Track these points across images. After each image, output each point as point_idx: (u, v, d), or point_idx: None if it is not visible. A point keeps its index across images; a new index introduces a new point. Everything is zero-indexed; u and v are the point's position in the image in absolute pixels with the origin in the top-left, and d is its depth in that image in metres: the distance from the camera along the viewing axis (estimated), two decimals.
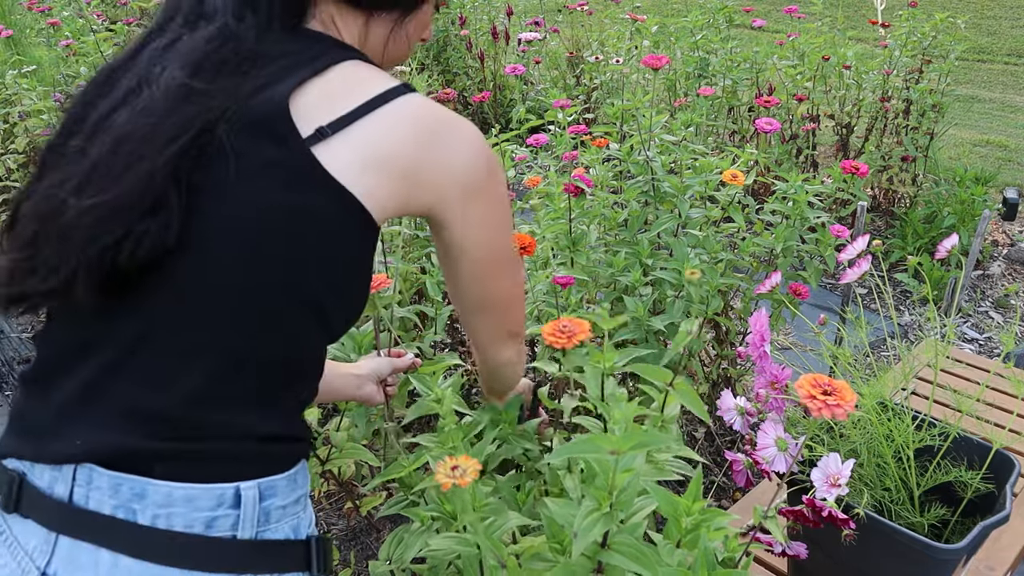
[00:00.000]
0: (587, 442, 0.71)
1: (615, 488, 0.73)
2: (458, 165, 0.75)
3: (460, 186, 0.77)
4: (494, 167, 0.80)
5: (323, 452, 1.53)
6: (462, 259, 0.83)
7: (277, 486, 0.71)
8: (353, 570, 1.82)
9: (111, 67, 0.74)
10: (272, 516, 0.70)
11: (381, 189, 0.71)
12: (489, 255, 0.85)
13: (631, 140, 1.96)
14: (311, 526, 0.76)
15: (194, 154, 0.65)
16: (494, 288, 0.89)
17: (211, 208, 0.66)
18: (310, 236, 0.69)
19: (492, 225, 0.83)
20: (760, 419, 1.13)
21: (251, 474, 0.69)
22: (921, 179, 3.60)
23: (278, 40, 0.73)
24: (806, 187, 1.86)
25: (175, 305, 0.66)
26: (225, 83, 0.68)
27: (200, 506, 0.65)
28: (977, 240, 2.52)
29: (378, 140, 0.70)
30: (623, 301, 1.74)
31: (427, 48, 4.74)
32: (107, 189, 0.64)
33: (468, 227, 0.80)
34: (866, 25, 6.11)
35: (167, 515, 0.64)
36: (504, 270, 0.88)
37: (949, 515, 1.22)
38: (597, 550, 0.77)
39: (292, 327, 0.71)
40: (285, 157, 0.67)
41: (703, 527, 0.82)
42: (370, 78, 0.74)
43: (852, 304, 2.69)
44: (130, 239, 0.63)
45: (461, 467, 0.76)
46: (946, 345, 1.56)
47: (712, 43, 3.54)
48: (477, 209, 0.79)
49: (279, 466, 0.72)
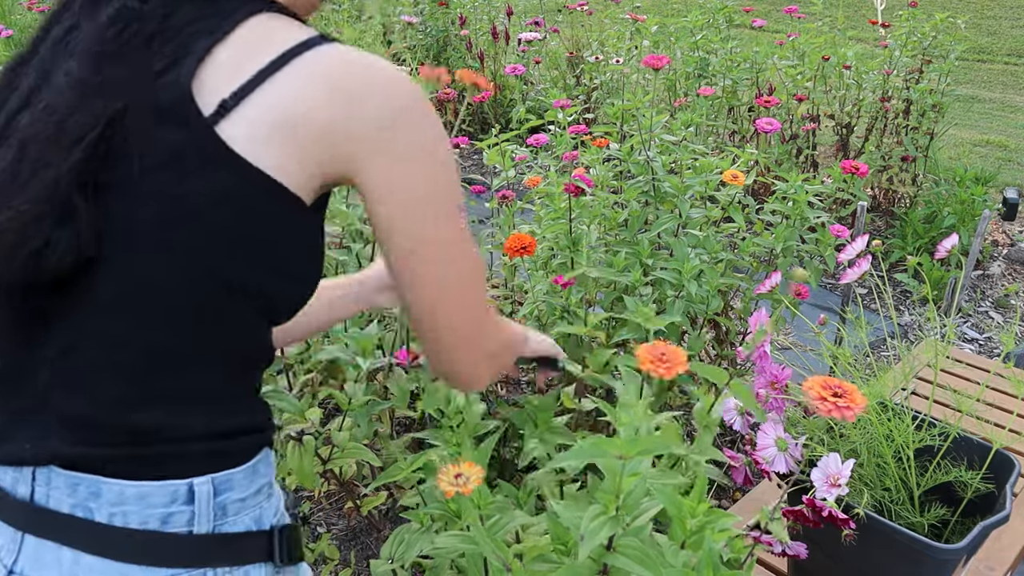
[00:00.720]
0: (594, 446, 0.71)
1: (622, 492, 0.73)
2: (372, 118, 0.66)
3: (378, 146, 0.67)
4: (423, 121, 0.69)
5: (324, 452, 1.53)
6: (391, 242, 0.71)
7: (233, 480, 0.69)
8: (353, 570, 1.82)
9: (15, 63, 0.70)
10: (230, 510, 0.68)
11: (291, 158, 0.64)
12: (423, 233, 0.70)
13: (631, 140, 1.97)
14: (277, 515, 0.74)
15: (101, 152, 0.62)
16: (443, 293, 0.74)
17: (122, 208, 0.63)
18: (228, 221, 0.64)
19: (425, 193, 0.70)
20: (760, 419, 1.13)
21: (204, 469, 0.67)
22: (921, 179, 3.61)
23: (191, 7, 0.66)
24: (806, 187, 1.86)
25: (99, 312, 0.64)
26: (128, 70, 0.64)
27: (153, 503, 0.64)
28: (977, 240, 2.52)
29: (284, 103, 0.64)
30: (623, 301, 1.75)
31: (427, 48, 4.74)
32: (16, 199, 0.62)
33: (394, 196, 0.69)
34: (866, 25, 6.11)
35: (122, 513, 0.64)
36: (449, 255, 0.73)
37: (949, 515, 1.23)
38: (602, 552, 0.78)
39: (230, 319, 0.67)
40: (188, 141, 0.63)
41: (708, 528, 0.82)
42: (279, 30, 0.67)
43: (852, 304, 2.70)
44: (48, 250, 0.60)
45: (465, 475, 0.76)
46: (946, 345, 1.57)
47: (712, 43, 3.54)
48: (404, 171, 0.68)
49: (235, 460, 0.69)
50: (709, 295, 1.77)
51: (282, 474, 1.54)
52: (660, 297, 1.82)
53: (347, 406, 1.46)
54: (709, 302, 1.79)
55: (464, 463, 0.77)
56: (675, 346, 0.77)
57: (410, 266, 0.71)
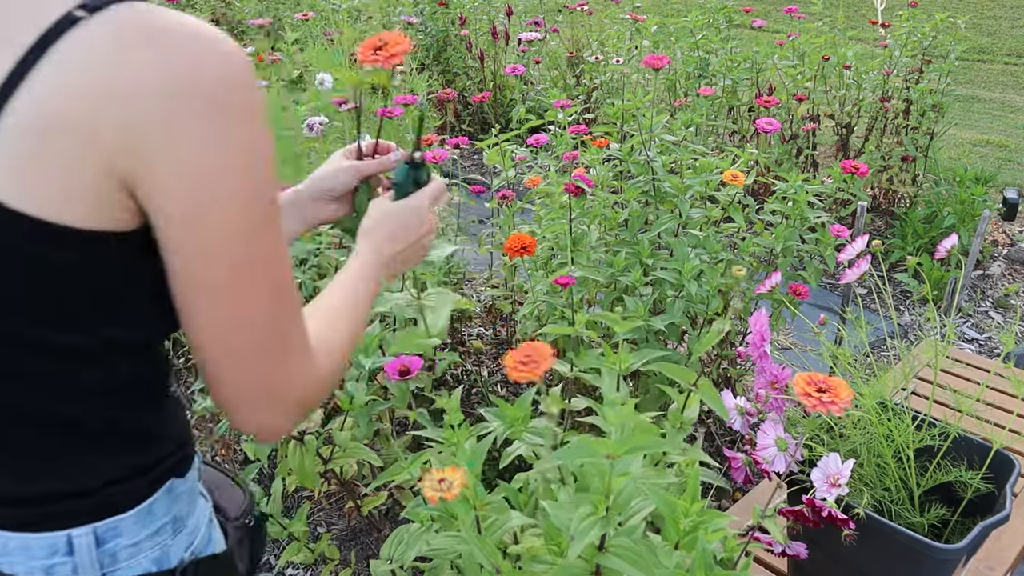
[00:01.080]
0: (583, 446, 0.71)
1: (612, 491, 0.73)
2: (150, 89, 0.51)
3: (168, 136, 0.52)
4: (237, 103, 0.54)
5: (325, 451, 1.53)
6: (173, 254, 0.56)
7: (121, 527, 0.63)
8: (353, 570, 1.82)
9: None
10: (120, 556, 0.64)
11: (72, 178, 0.51)
12: (214, 243, 0.55)
13: (631, 140, 1.97)
14: (192, 548, 0.69)
15: None
16: (238, 314, 0.58)
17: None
18: (13, 283, 0.53)
19: (232, 202, 0.55)
20: (760, 419, 1.13)
21: (85, 520, 0.62)
22: (921, 179, 3.61)
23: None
24: (806, 187, 1.86)
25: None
26: None
27: (35, 555, 0.62)
28: (977, 240, 2.52)
29: (52, 101, 0.50)
30: (623, 301, 1.75)
31: (427, 48, 4.74)
32: None
33: (188, 205, 0.54)
34: (866, 25, 6.11)
35: (9, 563, 0.62)
36: (247, 280, 0.58)
37: (949, 515, 1.23)
38: (594, 552, 0.78)
39: (62, 375, 0.58)
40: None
41: (701, 528, 0.82)
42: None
43: (852, 304, 2.70)
44: None
45: (448, 480, 0.76)
46: (946, 345, 1.57)
47: (712, 43, 3.55)
48: (201, 171, 0.53)
49: (120, 506, 0.63)
50: (709, 295, 1.77)
51: (282, 474, 1.54)
52: (660, 297, 1.82)
53: (348, 406, 1.46)
54: (709, 302, 1.79)
55: (448, 468, 0.76)
56: (541, 345, 0.79)
57: (199, 301, 0.57)
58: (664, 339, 1.85)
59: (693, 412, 1.00)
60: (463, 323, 2.57)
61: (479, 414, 1.23)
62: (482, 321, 2.69)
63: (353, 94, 1.06)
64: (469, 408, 2.23)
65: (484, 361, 2.56)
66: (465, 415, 2.08)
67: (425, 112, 0.86)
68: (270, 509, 1.50)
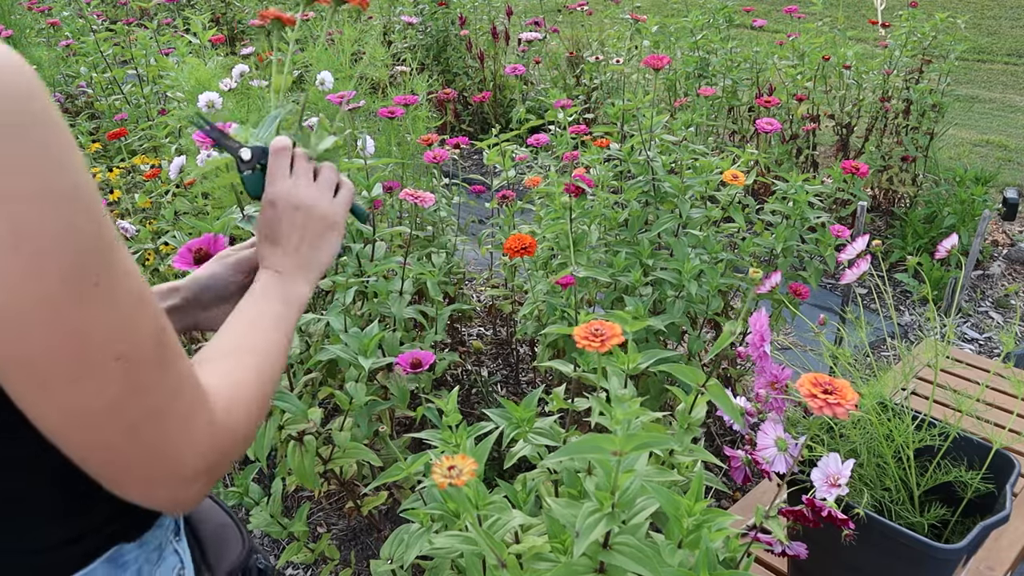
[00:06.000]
0: (589, 442, 0.71)
1: (617, 489, 0.73)
2: None
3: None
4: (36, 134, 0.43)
5: (325, 451, 1.53)
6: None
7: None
8: (353, 570, 1.82)
9: None
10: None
11: None
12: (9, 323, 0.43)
13: (632, 140, 1.97)
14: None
15: None
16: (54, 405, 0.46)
17: None
18: None
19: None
20: (760, 419, 1.13)
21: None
22: (921, 179, 3.61)
23: None
24: (806, 187, 1.86)
25: None
26: None
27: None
28: (977, 240, 2.52)
29: None
30: (623, 301, 1.75)
31: (427, 48, 4.74)
32: None
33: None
34: (866, 25, 6.11)
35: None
36: (76, 360, 0.46)
37: (949, 515, 1.23)
38: (599, 550, 0.78)
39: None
40: None
41: (705, 527, 0.82)
42: None
43: (852, 304, 2.70)
44: None
45: (458, 467, 0.76)
46: (946, 345, 1.57)
47: (712, 43, 3.55)
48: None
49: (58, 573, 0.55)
50: (709, 295, 1.77)
51: (282, 474, 1.54)
52: (660, 297, 1.82)
53: (348, 406, 1.46)
54: (709, 302, 1.79)
55: (459, 456, 0.77)
56: (611, 323, 0.78)
57: (27, 394, 0.46)
58: (664, 339, 1.85)
59: (700, 413, 1.00)
60: (463, 323, 2.57)
61: (479, 414, 1.23)
62: (482, 321, 2.69)
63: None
64: (469, 408, 2.23)
65: (484, 361, 2.56)
66: (465, 415, 2.09)
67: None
68: (270, 509, 1.50)
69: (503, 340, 2.58)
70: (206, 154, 1.37)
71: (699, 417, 1.00)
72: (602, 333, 0.79)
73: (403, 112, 1.99)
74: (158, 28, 3.80)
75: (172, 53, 3.11)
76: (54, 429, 0.47)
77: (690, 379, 0.89)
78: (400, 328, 1.78)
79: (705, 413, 1.10)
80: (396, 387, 1.64)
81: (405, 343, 1.73)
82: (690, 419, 1.01)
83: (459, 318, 2.44)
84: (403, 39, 4.64)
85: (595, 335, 0.79)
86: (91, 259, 0.45)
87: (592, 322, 0.80)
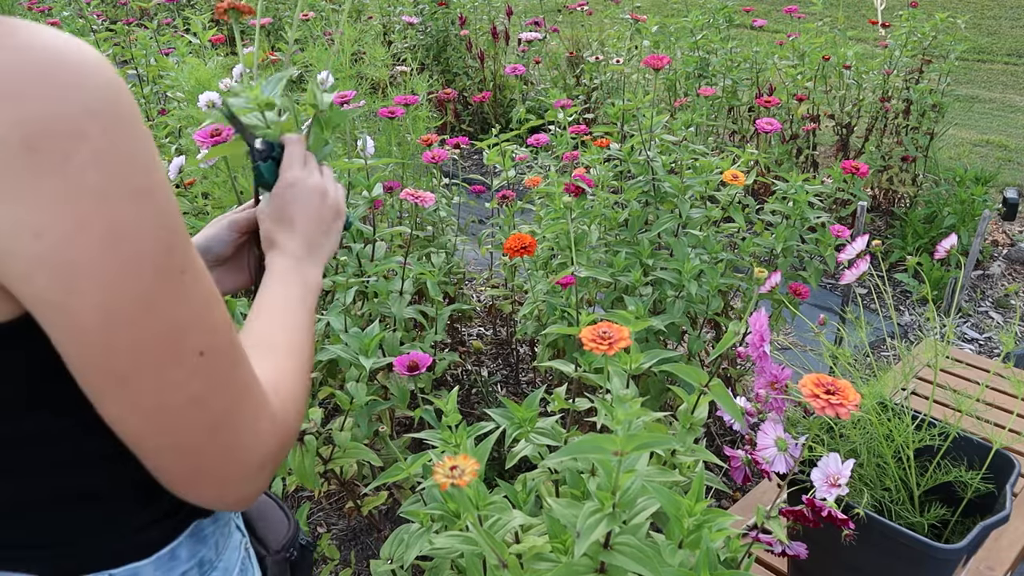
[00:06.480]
0: (590, 442, 0.71)
1: (618, 489, 0.73)
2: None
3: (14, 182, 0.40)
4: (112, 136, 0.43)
5: (325, 451, 1.53)
6: (56, 344, 0.45)
7: (141, 573, 0.57)
8: (353, 570, 1.82)
9: None
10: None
11: None
12: (91, 328, 0.44)
13: (632, 140, 1.97)
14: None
15: None
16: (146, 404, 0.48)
17: None
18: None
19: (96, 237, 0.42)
20: (760, 419, 1.13)
21: (98, 566, 0.55)
22: (921, 179, 3.61)
23: None
24: (806, 187, 1.86)
25: None
26: None
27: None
28: (977, 240, 2.52)
29: None
30: (623, 301, 1.75)
31: (427, 48, 4.74)
32: None
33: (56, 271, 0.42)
34: (866, 25, 6.11)
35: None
36: (156, 359, 0.46)
37: (949, 515, 1.23)
38: (599, 550, 0.78)
39: (32, 458, 0.51)
40: None
41: (705, 527, 0.82)
42: None
43: (852, 304, 2.70)
44: None
45: (460, 467, 0.76)
46: (946, 345, 1.57)
47: (712, 43, 3.55)
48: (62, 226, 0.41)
49: (138, 552, 0.57)
50: (709, 295, 1.77)
51: (282, 473, 1.54)
52: (660, 297, 1.82)
53: (348, 406, 1.46)
54: (709, 302, 1.79)
55: (460, 456, 0.76)
56: (619, 325, 0.78)
57: (106, 393, 0.47)
58: (664, 339, 1.85)
59: (703, 413, 1.00)
60: (463, 323, 2.57)
61: (480, 414, 1.23)
62: (482, 321, 2.69)
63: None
64: (469, 408, 2.23)
65: (484, 361, 2.56)
66: (465, 415, 2.09)
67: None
68: None
69: (503, 340, 2.58)
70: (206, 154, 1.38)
71: (701, 417, 1.00)
72: (610, 336, 0.79)
73: (403, 112, 1.99)
74: (158, 28, 3.80)
75: (172, 53, 3.11)
76: (132, 431, 0.48)
77: (693, 379, 0.89)
78: (400, 328, 1.78)
79: (706, 413, 1.10)
80: (396, 387, 1.64)
81: (405, 343, 1.73)
82: (692, 419, 1.01)
83: (459, 318, 2.45)
84: (403, 39, 4.63)
85: (603, 338, 0.79)
86: (177, 254, 0.46)
87: (599, 324, 0.80)
